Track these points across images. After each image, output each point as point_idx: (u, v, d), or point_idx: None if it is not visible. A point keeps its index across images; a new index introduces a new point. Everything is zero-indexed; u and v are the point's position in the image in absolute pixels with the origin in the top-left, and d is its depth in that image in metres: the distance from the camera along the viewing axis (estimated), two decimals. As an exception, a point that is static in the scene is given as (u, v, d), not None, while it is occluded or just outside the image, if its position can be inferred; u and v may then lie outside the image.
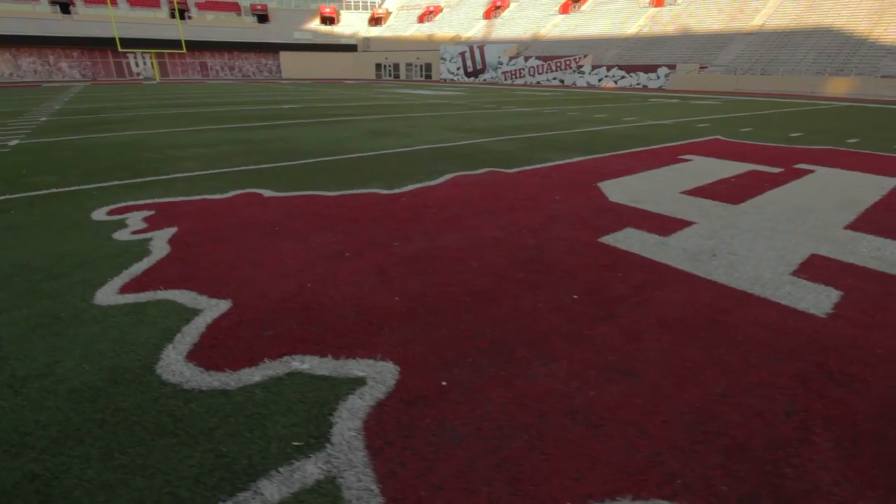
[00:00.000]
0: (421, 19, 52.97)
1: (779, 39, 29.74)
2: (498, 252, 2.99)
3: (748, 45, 30.52)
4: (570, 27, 42.94)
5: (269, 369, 1.82)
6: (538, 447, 1.45)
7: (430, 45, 47.50)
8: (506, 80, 41.74)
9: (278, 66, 48.89)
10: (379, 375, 1.78)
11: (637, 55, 35.54)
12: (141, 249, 3.00)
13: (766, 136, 8.45)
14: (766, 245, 3.13)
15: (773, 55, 28.62)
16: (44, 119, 10.67)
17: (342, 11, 55.06)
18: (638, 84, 33.61)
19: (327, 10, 53.26)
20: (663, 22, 37.73)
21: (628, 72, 34.15)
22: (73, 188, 4.54)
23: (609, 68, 35.05)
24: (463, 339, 2.03)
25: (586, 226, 3.49)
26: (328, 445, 1.45)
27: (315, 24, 52.93)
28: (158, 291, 2.44)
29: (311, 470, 1.37)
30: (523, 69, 40.50)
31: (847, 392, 1.72)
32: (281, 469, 1.37)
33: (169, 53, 42.42)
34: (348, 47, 50.83)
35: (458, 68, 44.97)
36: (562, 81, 38.31)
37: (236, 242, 3.13)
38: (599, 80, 35.77)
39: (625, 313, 2.25)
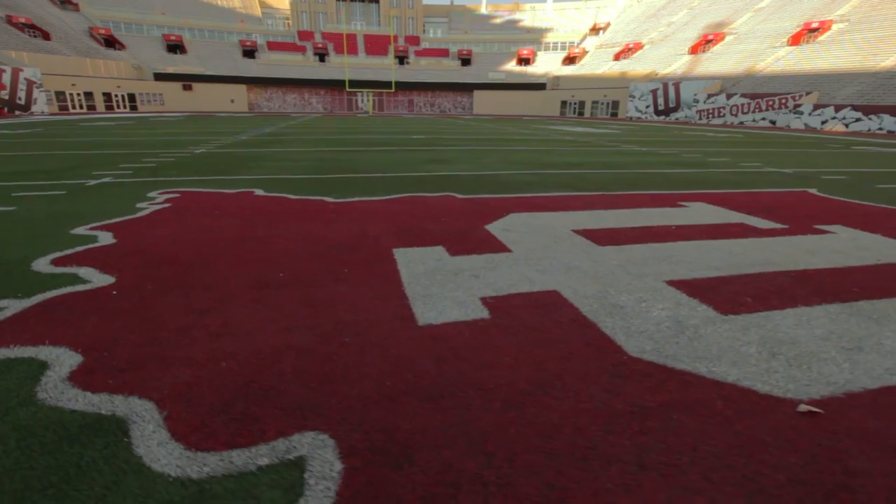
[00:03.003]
0: (617, 57, 52.02)
1: None
2: (303, 244, 3.84)
3: None
4: (798, 60, 36.55)
5: (69, 271, 3.19)
6: (117, 337, 2.44)
7: (621, 83, 46.29)
8: (700, 119, 37.83)
9: (471, 103, 54.49)
10: (100, 281, 2.98)
11: (887, 93, 28.27)
12: (135, 211, 4.84)
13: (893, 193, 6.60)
14: (519, 276, 3.20)
15: None
16: (243, 137, 15.15)
17: (539, 53, 58.17)
18: (880, 129, 26.71)
19: (525, 52, 57.07)
20: (940, 50, 29.09)
21: (867, 113, 27.45)
22: (171, 178, 7.01)
23: (838, 108, 28.77)
24: (179, 280, 3.05)
25: (408, 240, 4.00)
26: (25, 298, 2.71)
27: (511, 66, 57.23)
28: (99, 231, 4.13)
29: (7, 304, 2.65)
30: (723, 108, 36.16)
31: (290, 370, 2.17)
32: (-6, 302, 2.69)
33: (386, 92, 51.85)
34: (537, 86, 53.31)
35: (648, 106, 42.66)
36: (773, 122, 32.91)
37: (184, 216, 4.72)
38: (823, 123, 29.58)
39: (290, 293, 2.91)
